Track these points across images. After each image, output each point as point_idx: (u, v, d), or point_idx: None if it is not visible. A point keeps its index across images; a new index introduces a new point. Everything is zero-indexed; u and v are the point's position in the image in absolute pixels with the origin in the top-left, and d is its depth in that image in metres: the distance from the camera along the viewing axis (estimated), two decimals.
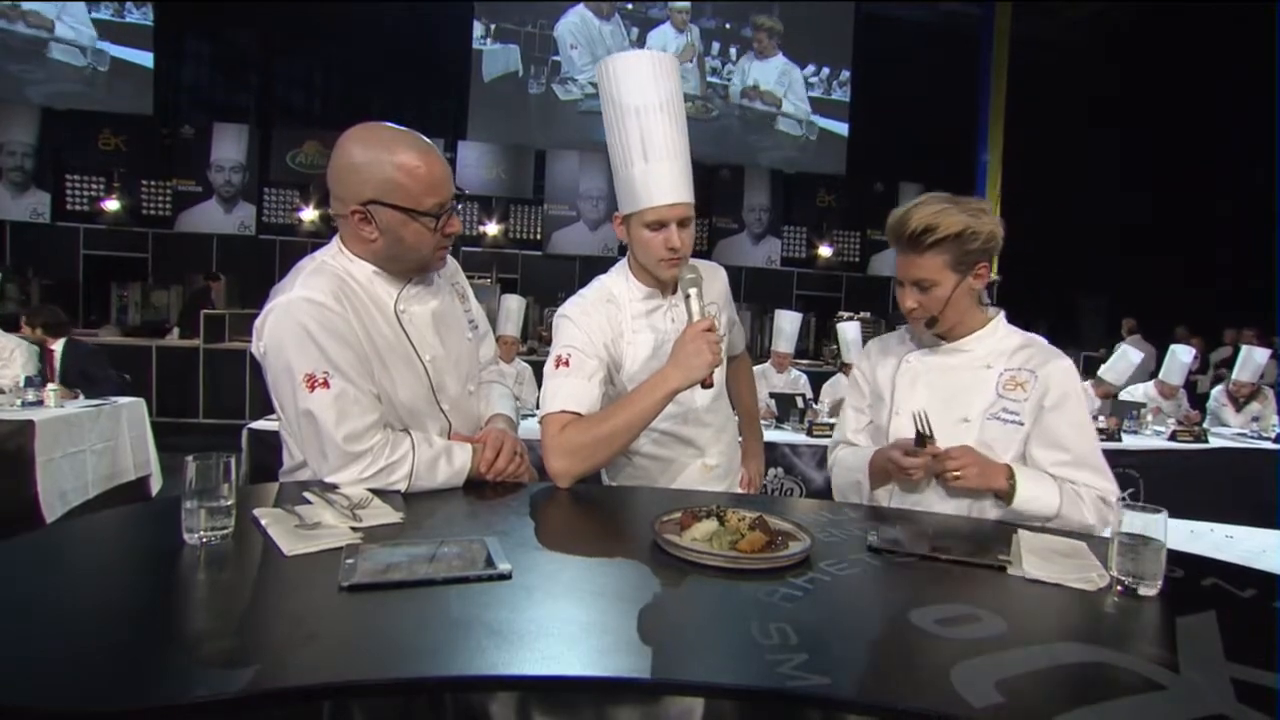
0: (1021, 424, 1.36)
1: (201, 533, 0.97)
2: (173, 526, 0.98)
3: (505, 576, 0.89)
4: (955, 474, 1.29)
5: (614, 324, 1.51)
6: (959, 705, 0.65)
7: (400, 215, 1.24)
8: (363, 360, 1.26)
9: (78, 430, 3.81)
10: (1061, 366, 1.37)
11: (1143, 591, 0.96)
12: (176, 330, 7.23)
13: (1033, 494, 1.30)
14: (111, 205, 8.23)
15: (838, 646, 0.79)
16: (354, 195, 1.23)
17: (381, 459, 1.24)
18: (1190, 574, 1.05)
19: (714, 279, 1.65)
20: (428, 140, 1.27)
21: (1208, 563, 1.12)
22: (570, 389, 1.41)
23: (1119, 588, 0.98)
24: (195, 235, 8.53)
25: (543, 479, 1.42)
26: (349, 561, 0.91)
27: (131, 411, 4.35)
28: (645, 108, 1.39)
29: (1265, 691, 0.71)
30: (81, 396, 4.13)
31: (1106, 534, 1.28)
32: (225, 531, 0.99)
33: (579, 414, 1.39)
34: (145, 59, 8.48)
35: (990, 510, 1.37)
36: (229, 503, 0.99)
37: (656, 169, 1.39)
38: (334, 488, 1.22)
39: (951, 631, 0.82)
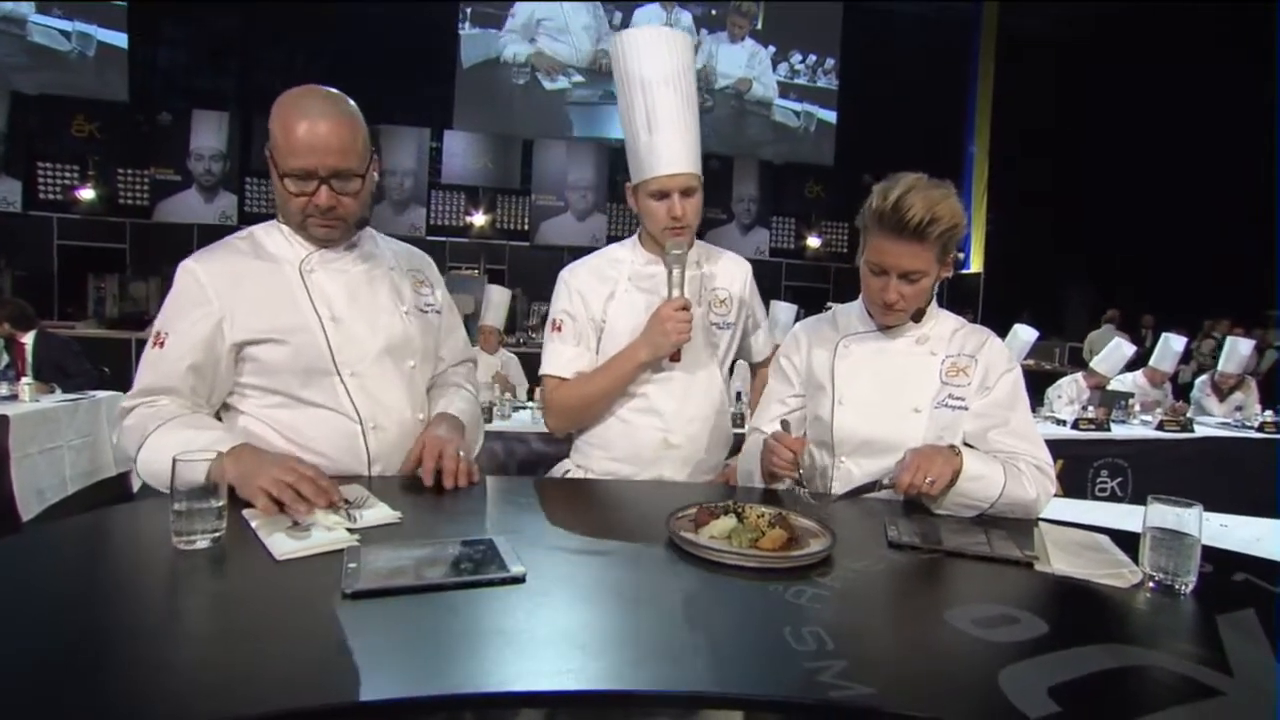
0: (968, 409, 1.33)
1: (191, 537, 0.91)
2: (161, 529, 0.92)
3: (519, 580, 0.85)
4: (929, 483, 1.18)
5: (607, 282, 1.56)
6: (1015, 716, 0.61)
7: (272, 168, 1.26)
8: (212, 328, 1.26)
9: (55, 425, 3.69)
10: (996, 346, 1.38)
11: (1178, 588, 0.93)
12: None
13: (978, 471, 1.21)
14: (86, 194, 8.02)
15: (876, 651, 0.75)
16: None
17: (137, 418, 1.22)
18: (1220, 569, 1.03)
19: (728, 270, 1.65)
20: (341, 109, 1.26)
21: (1235, 557, 1.10)
22: (561, 355, 1.54)
23: (1151, 584, 0.95)
24: (175, 225, 8.33)
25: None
26: (351, 565, 0.85)
27: (111, 406, 4.21)
28: (651, 80, 1.43)
29: None
30: (58, 390, 4.00)
31: (1040, 507, 1.25)
32: (216, 535, 0.93)
33: (567, 378, 1.52)
34: (119, 40, 8.20)
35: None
36: (220, 504, 0.94)
37: (660, 139, 1.43)
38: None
39: (991, 634, 0.78)
